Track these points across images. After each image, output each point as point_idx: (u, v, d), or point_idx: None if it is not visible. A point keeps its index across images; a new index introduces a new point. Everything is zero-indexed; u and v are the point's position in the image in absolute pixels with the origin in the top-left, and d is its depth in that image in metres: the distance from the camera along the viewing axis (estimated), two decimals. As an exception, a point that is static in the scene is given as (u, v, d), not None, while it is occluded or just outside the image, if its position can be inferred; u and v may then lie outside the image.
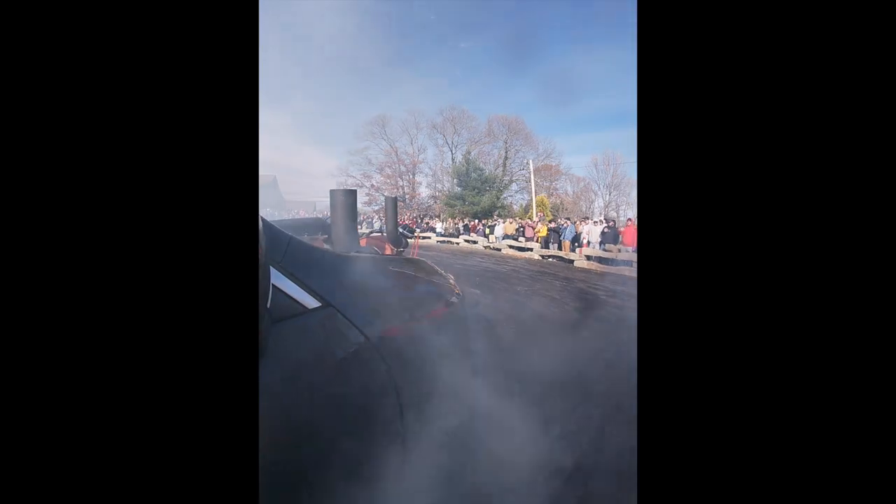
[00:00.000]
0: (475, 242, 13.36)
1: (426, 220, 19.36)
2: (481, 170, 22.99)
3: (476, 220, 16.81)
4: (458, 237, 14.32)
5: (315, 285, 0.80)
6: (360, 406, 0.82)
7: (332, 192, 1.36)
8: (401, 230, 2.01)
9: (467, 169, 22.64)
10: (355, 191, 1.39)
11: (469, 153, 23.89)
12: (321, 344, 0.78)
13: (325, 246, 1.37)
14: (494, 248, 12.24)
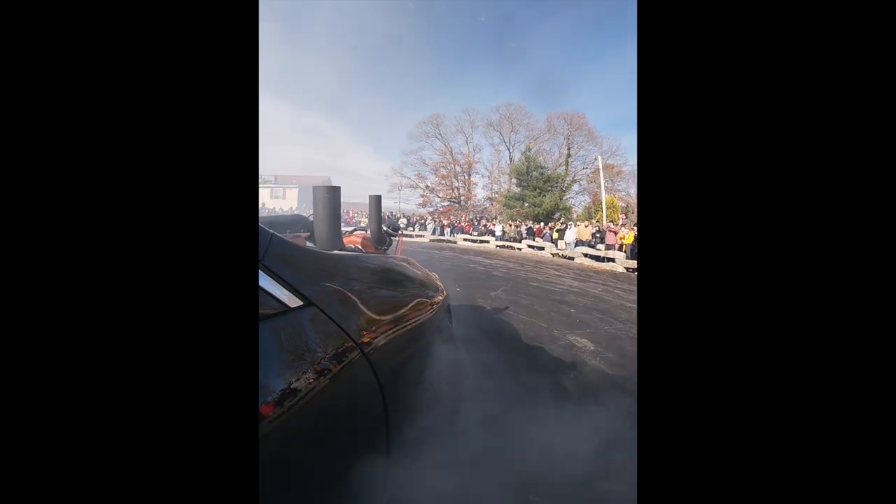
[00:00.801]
0: (541, 249, 12.05)
1: (483, 222, 18.57)
2: (543, 168, 21.58)
3: (541, 224, 15.66)
4: (520, 242, 13.28)
5: (297, 283, 0.77)
6: (343, 409, 0.80)
7: (315, 188, 1.32)
8: (385, 229, 1.99)
9: (527, 167, 21.26)
10: (339, 187, 1.36)
11: (529, 150, 22.61)
12: (303, 343, 0.75)
13: (308, 243, 1.33)
14: (566, 257, 10.75)
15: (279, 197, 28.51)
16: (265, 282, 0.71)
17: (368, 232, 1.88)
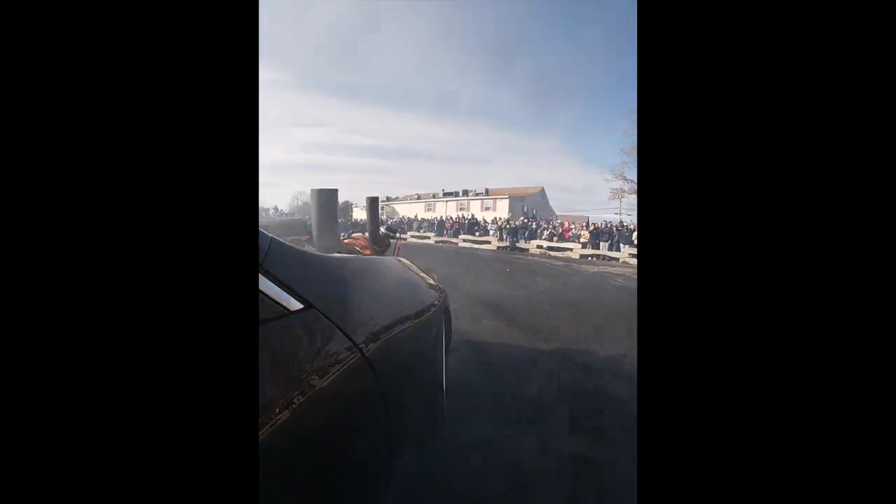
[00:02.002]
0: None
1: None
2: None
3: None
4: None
5: (297, 287, 0.77)
6: (344, 410, 0.80)
7: (313, 191, 1.32)
8: (384, 230, 1.99)
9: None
10: (336, 190, 1.36)
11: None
12: (304, 347, 0.75)
13: (307, 247, 1.33)
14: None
15: (489, 208, 30.91)
16: (265, 285, 0.70)
17: (367, 234, 1.88)
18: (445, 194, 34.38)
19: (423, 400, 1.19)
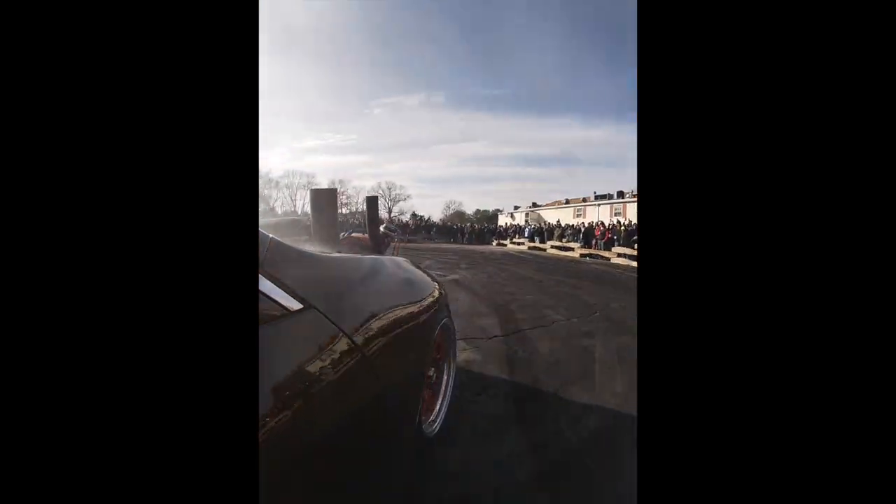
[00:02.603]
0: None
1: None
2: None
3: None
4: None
5: (296, 287, 0.77)
6: (344, 410, 0.80)
7: (312, 191, 1.32)
8: (383, 229, 1.99)
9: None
10: (336, 190, 1.36)
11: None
12: (304, 346, 0.75)
13: (306, 246, 1.33)
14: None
15: (619, 214, 29.19)
16: (264, 286, 0.70)
17: (366, 233, 1.88)
18: (597, 197, 29.87)
19: (421, 399, 1.19)
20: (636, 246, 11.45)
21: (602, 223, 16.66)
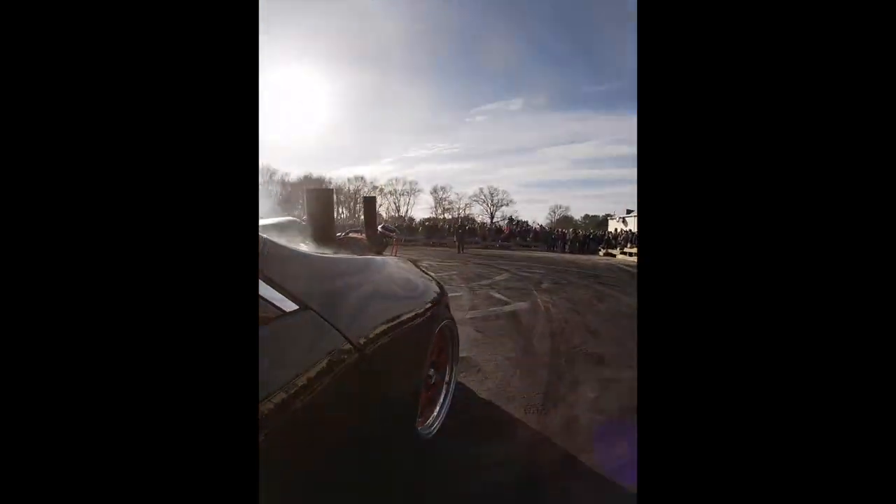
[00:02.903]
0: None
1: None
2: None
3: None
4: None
5: (293, 288, 0.77)
6: (343, 409, 0.79)
7: (308, 191, 1.32)
8: (381, 229, 1.98)
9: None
10: (332, 190, 1.36)
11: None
12: (301, 347, 0.75)
13: (303, 247, 1.32)
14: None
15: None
16: (261, 287, 0.70)
17: (364, 233, 1.87)
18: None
19: (420, 399, 1.18)
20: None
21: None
